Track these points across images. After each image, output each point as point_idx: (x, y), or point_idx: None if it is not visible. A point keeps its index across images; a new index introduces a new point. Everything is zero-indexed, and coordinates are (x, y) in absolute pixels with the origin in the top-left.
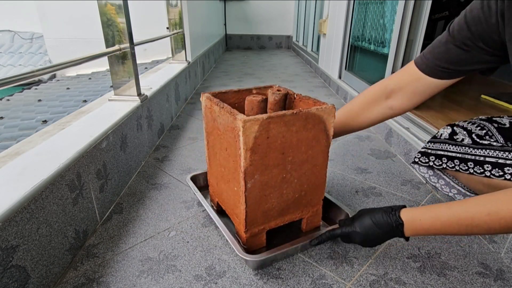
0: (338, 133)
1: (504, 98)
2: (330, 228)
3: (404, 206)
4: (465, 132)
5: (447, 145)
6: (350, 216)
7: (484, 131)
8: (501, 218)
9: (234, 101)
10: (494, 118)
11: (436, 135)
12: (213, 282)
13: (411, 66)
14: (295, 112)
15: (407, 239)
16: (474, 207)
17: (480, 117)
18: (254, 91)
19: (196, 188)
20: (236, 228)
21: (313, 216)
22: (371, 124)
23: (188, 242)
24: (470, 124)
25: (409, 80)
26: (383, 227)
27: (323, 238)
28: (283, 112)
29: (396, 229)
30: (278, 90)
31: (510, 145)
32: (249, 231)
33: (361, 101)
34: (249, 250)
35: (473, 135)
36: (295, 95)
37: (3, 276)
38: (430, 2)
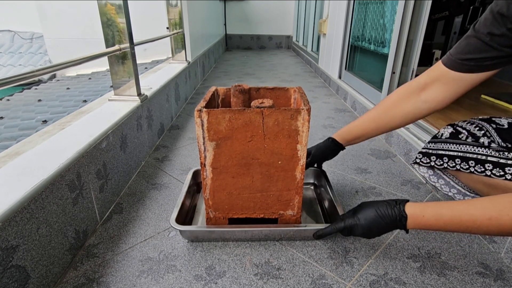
0: (372, 129)
1: (504, 98)
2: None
3: (408, 201)
4: (465, 132)
5: (448, 144)
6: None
7: (482, 132)
8: (501, 225)
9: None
10: (493, 119)
11: (437, 135)
12: (213, 282)
13: (438, 63)
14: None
15: (407, 231)
16: (477, 210)
17: (479, 117)
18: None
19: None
20: None
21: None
22: (405, 119)
23: (188, 242)
24: (469, 124)
25: (437, 75)
26: (387, 219)
27: (326, 231)
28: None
29: (399, 222)
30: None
31: (509, 145)
32: None
33: (393, 97)
34: None
35: (471, 136)
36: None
37: (3, 276)
38: (430, 2)
